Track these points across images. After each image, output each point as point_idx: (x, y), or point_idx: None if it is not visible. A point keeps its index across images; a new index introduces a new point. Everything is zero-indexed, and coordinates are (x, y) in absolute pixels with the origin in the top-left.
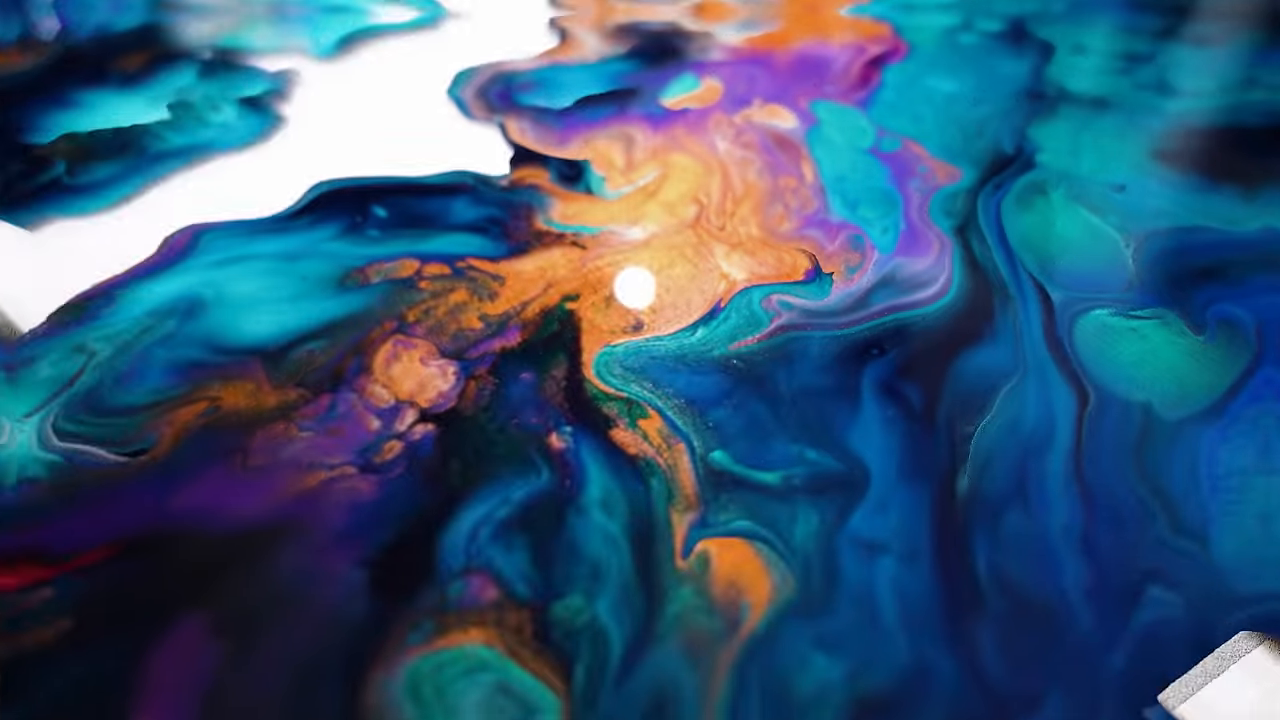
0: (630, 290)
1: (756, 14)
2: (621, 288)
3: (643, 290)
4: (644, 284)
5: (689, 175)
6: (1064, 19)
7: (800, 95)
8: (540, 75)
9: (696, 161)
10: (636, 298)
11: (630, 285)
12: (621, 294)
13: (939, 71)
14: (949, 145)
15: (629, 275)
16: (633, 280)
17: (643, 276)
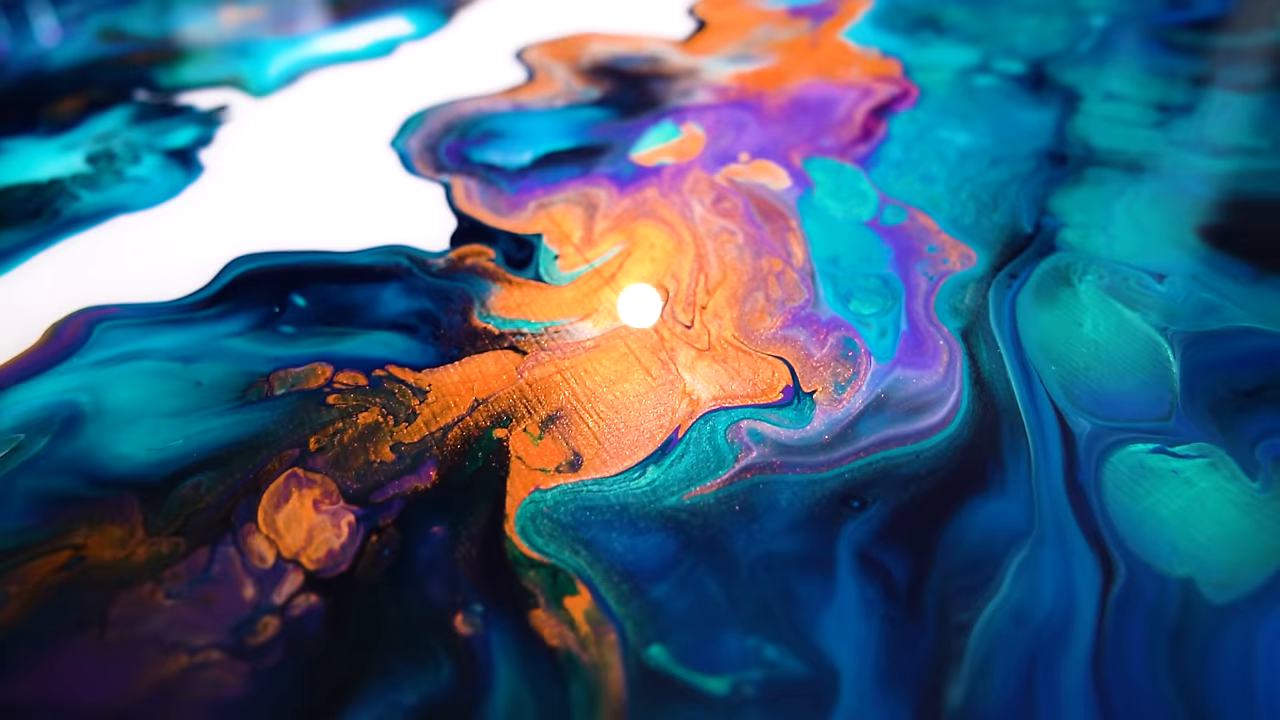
0: (570, 413)
1: (751, 47)
2: (561, 409)
3: (586, 412)
4: (589, 403)
5: (657, 252)
6: (1090, 59)
7: (794, 148)
8: (498, 123)
9: (667, 234)
10: (577, 423)
11: (571, 405)
12: (560, 417)
13: (952, 121)
14: (961, 217)
15: (572, 390)
16: (575, 398)
17: (588, 392)
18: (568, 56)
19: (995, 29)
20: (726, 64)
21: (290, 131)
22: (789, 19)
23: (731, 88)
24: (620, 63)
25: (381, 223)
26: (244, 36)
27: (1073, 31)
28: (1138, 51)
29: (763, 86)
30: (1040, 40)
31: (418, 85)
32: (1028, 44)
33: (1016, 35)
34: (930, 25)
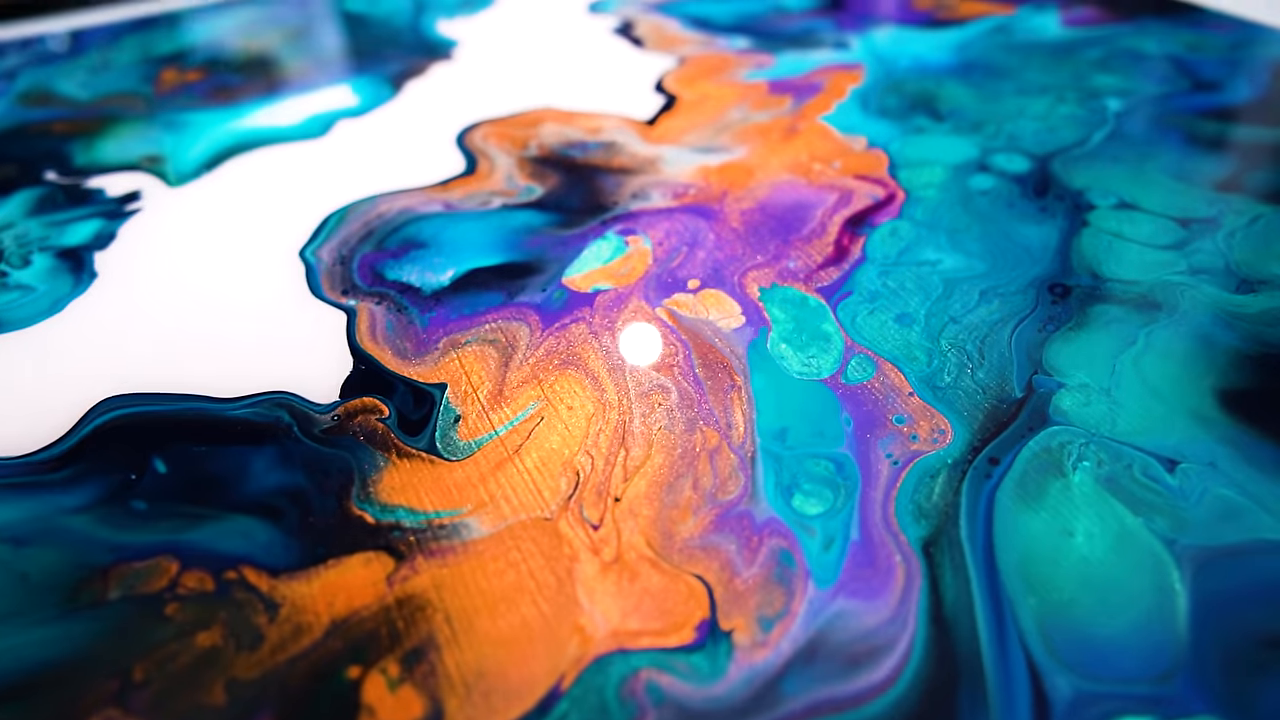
0: (439, 648)
1: (721, 133)
2: (428, 641)
3: (458, 646)
4: (462, 635)
5: (576, 415)
6: (1104, 154)
7: (754, 271)
8: (424, 228)
9: (590, 390)
10: (445, 664)
11: (442, 636)
12: (426, 654)
13: (939, 237)
14: (939, 373)
15: (445, 614)
16: (448, 625)
17: (464, 618)
18: (515, 141)
19: (998, 113)
20: (691, 155)
21: (197, 231)
22: (768, 96)
23: (693, 186)
24: (572, 151)
25: (273, 360)
26: (178, 104)
27: (1085, 119)
28: (1157, 146)
29: (728, 186)
30: (1048, 128)
31: (347, 173)
32: (1033, 134)
33: (1021, 122)
34: (925, 108)
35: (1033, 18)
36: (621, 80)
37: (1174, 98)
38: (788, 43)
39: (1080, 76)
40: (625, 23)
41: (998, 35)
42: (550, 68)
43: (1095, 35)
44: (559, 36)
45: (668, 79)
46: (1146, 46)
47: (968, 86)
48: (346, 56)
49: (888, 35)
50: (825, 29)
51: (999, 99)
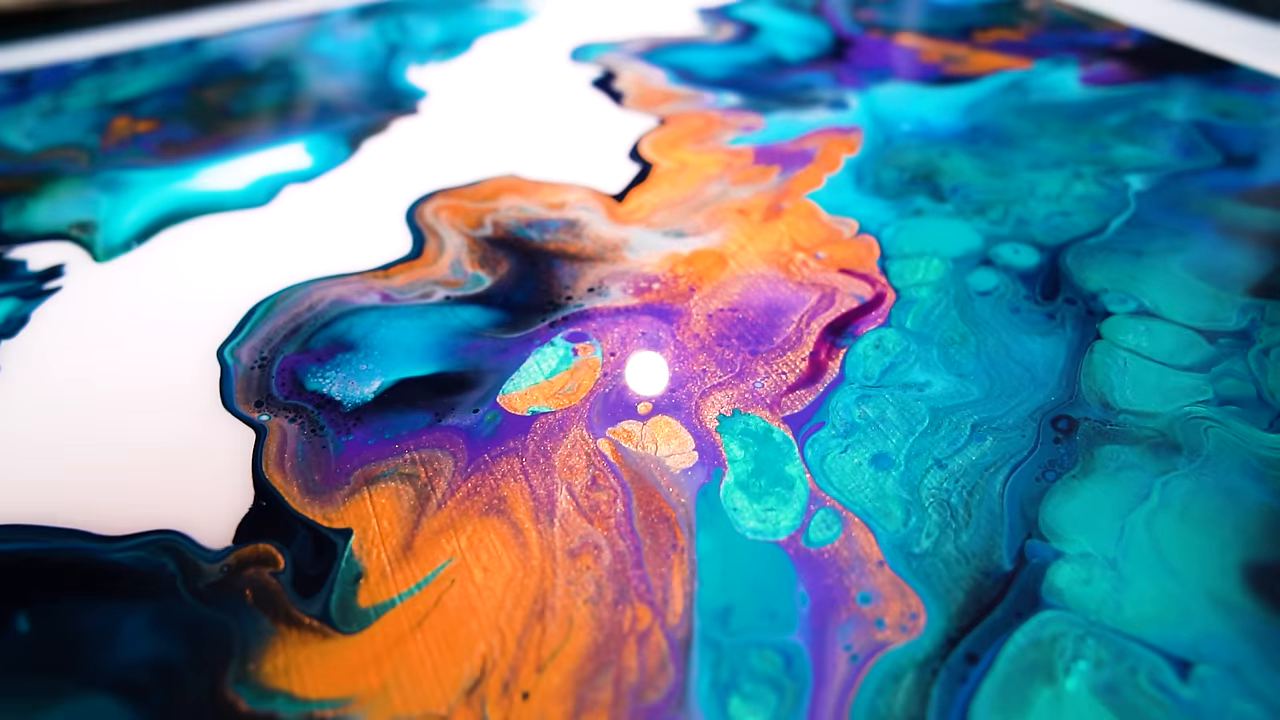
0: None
1: (697, 211)
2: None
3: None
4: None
5: (492, 579)
6: (1123, 244)
7: (715, 393)
8: (355, 325)
9: (512, 545)
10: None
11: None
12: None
13: (930, 352)
14: (916, 535)
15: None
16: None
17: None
18: (469, 217)
19: (1006, 192)
20: (660, 239)
21: (113, 320)
22: (753, 167)
23: (658, 280)
24: (530, 231)
25: (170, 487)
26: (123, 160)
27: (1103, 200)
28: (1183, 235)
29: (698, 279)
30: (1061, 212)
31: (286, 251)
32: (1045, 218)
33: (1032, 204)
34: (926, 184)
35: (1050, 74)
36: (594, 143)
37: (1203, 174)
38: (781, 100)
39: (1099, 146)
40: (607, 73)
41: (1011, 94)
42: (519, 127)
43: (1116, 96)
44: (534, 89)
45: (645, 143)
46: (1172, 111)
47: (974, 157)
48: (308, 107)
49: (890, 92)
50: (823, 84)
51: (1008, 174)
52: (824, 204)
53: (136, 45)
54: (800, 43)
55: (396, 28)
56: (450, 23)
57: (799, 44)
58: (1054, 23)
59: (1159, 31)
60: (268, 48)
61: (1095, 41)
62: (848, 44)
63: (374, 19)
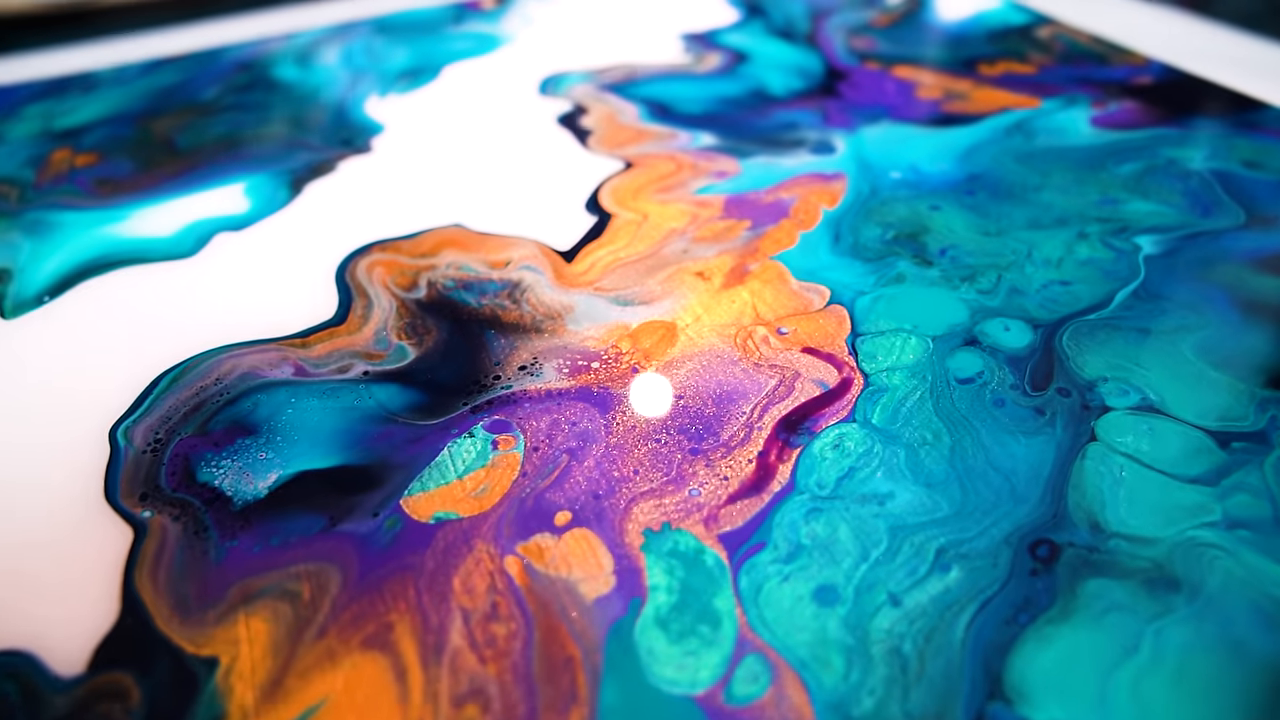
0: None
1: (653, 272)
2: None
3: None
4: None
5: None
6: (1129, 322)
7: (643, 502)
8: (260, 405)
9: (391, 690)
10: None
11: None
12: None
13: (896, 454)
14: (857, 694)
15: None
16: None
17: None
18: (404, 276)
19: (1001, 255)
20: (608, 307)
21: (10, 388)
22: (721, 221)
23: (599, 358)
24: (466, 294)
25: (26, 598)
26: (54, 199)
27: (1109, 266)
28: (1198, 311)
29: (644, 357)
30: (1061, 280)
31: (205, 310)
32: (1042, 288)
33: (1029, 269)
34: (911, 244)
35: (1059, 114)
36: (552, 189)
37: (1223, 236)
38: (760, 142)
39: (1108, 201)
40: (576, 107)
41: (1014, 138)
42: (473, 169)
43: (1130, 141)
44: (495, 126)
45: (605, 190)
46: (1192, 159)
47: (968, 212)
48: (256, 142)
49: (882, 134)
50: (809, 123)
51: (1005, 232)
52: (795, 267)
53: (106, 64)
54: (789, 75)
55: (365, 52)
56: (421, 48)
57: (788, 76)
58: (1067, 54)
59: (1182, 65)
60: (226, 73)
61: (1111, 77)
62: (841, 76)
63: (344, 40)
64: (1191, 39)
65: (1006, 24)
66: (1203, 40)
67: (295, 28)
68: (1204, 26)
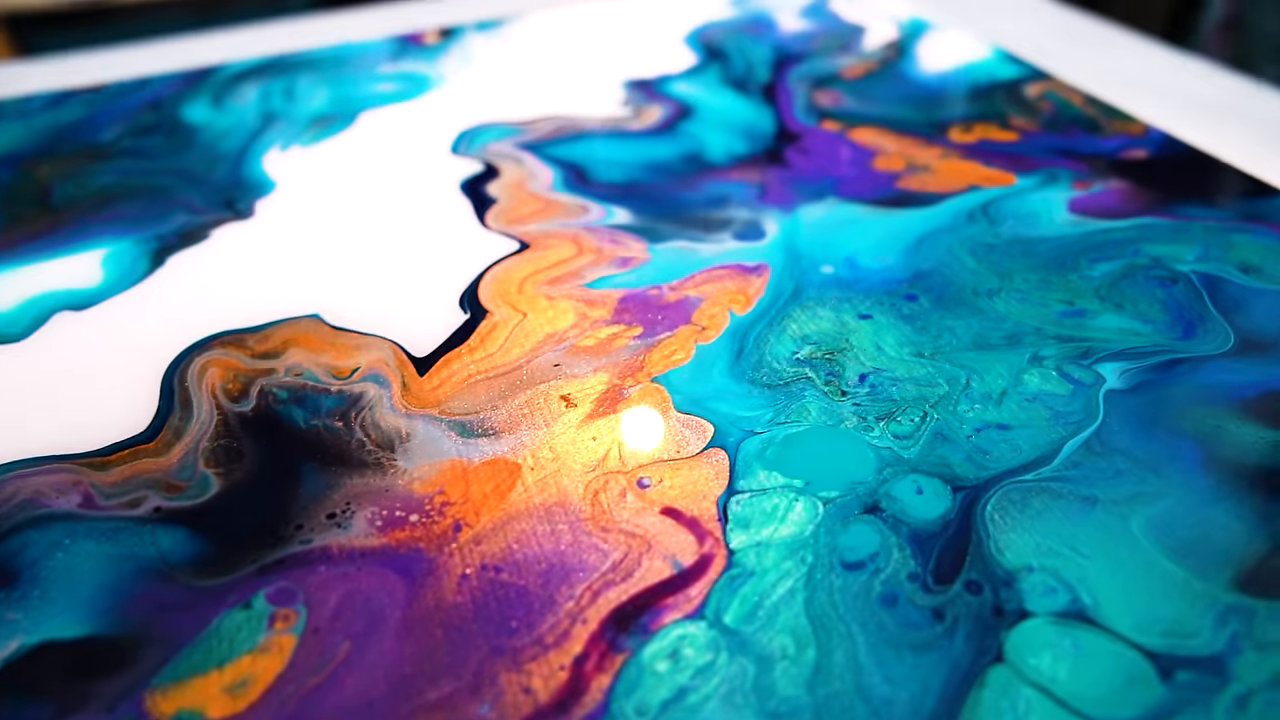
0: None
1: (513, 391)
2: None
3: None
4: None
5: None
6: (1070, 494)
7: (420, 718)
8: (29, 546)
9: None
10: None
11: None
12: None
13: (744, 668)
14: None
15: None
16: None
17: None
18: (235, 382)
19: (933, 383)
20: (449, 438)
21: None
22: (609, 326)
23: (420, 508)
24: (296, 411)
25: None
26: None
27: (1061, 406)
28: (1160, 474)
29: (471, 512)
30: (999, 424)
31: (9, 412)
32: (974, 434)
33: (963, 407)
34: (827, 366)
35: (1033, 194)
36: (431, 274)
37: (1206, 366)
38: (680, 221)
39: (1074, 312)
40: (487, 168)
41: (977, 224)
42: (353, 245)
43: (1112, 233)
44: (392, 190)
45: (488, 279)
46: (1181, 258)
47: (904, 324)
48: (136, 198)
49: (823, 214)
50: (742, 197)
51: (943, 353)
52: (681, 392)
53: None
54: (734, 135)
55: (283, 93)
56: (343, 89)
57: (732, 137)
58: (1054, 119)
59: (1186, 135)
60: (133, 111)
61: (1101, 148)
62: (792, 139)
63: (266, 78)
64: (1210, 100)
65: (992, 79)
66: (1223, 101)
67: (230, 58)
68: (1232, 82)
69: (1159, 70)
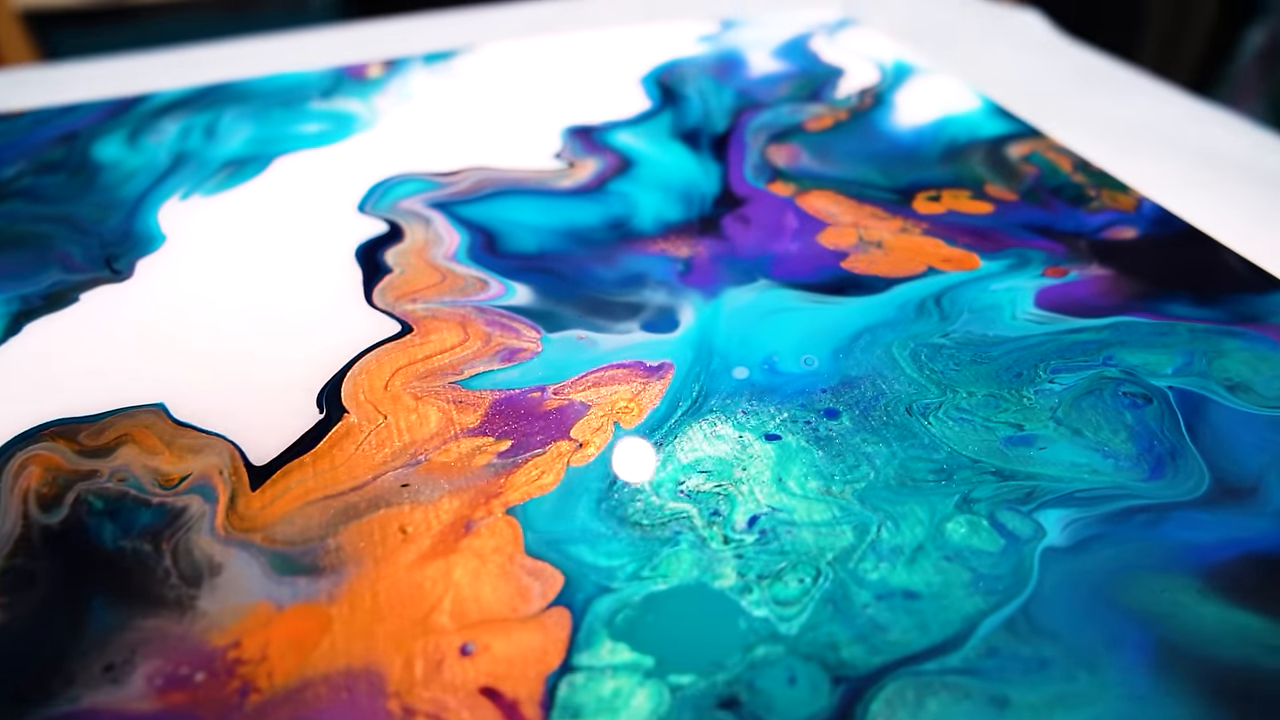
0: None
1: (343, 524)
2: None
3: None
4: None
5: None
6: (981, 693)
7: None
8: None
9: None
10: None
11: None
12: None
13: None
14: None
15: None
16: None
17: None
18: (52, 485)
19: (833, 533)
20: (264, 575)
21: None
22: (471, 438)
23: (211, 662)
24: (108, 526)
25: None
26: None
27: (987, 568)
28: (1095, 672)
29: (263, 676)
30: (906, 588)
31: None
32: (872, 602)
33: (864, 566)
34: (711, 505)
35: (997, 282)
36: (296, 361)
37: (1172, 518)
38: (586, 304)
39: (1021, 440)
40: (391, 229)
41: (926, 320)
42: (220, 321)
43: (1082, 334)
44: (282, 254)
45: (355, 372)
46: (1159, 370)
47: (814, 449)
48: (15, 248)
49: (750, 301)
50: (662, 275)
51: (854, 491)
52: (536, 528)
53: None
54: (670, 198)
55: (204, 129)
56: (265, 128)
57: (667, 200)
58: (1037, 186)
59: (1185, 207)
60: (43, 144)
61: (1084, 225)
62: (735, 204)
63: (193, 111)
64: (1226, 156)
65: (972, 137)
66: (1241, 157)
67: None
68: (1255, 136)
69: (1174, 119)
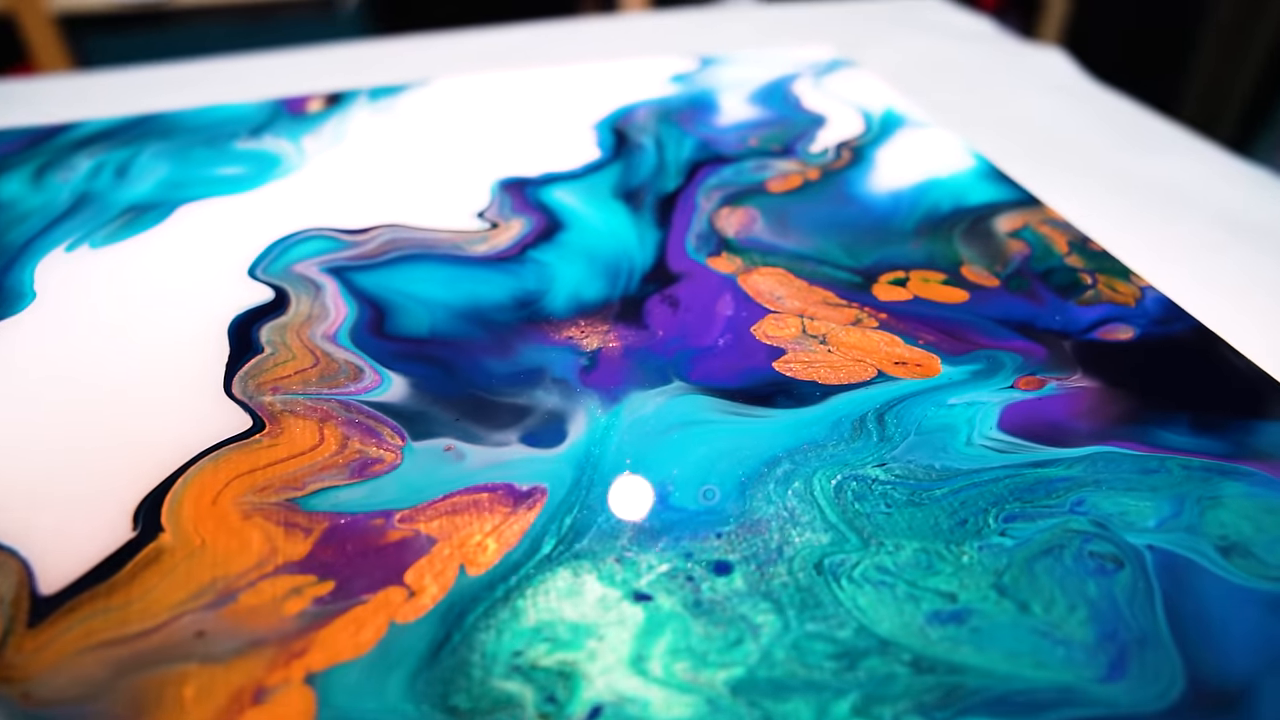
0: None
1: (113, 690)
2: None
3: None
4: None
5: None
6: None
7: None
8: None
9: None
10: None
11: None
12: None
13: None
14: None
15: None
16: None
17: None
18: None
19: None
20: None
21: None
22: (293, 574)
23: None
24: None
25: None
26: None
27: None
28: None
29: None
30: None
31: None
32: None
33: None
34: (553, 686)
35: (959, 393)
36: (125, 463)
37: None
38: (466, 404)
39: (952, 616)
40: (276, 297)
41: (864, 440)
42: (55, 407)
43: (1050, 467)
44: (151, 324)
45: (185, 480)
46: (1140, 522)
47: (691, 615)
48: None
49: (653, 409)
50: (561, 371)
51: (727, 682)
52: (334, 705)
53: None
54: (593, 272)
55: (117, 167)
56: (179, 169)
57: (590, 274)
58: (1024, 269)
59: (1199, 295)
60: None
61: (1074, 322)
62: (667, 281)
63: (113, 145)
64: (1257, 224)
65: (958, 204)
66: (1275, 224)
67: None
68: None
69: (1204, 177)
